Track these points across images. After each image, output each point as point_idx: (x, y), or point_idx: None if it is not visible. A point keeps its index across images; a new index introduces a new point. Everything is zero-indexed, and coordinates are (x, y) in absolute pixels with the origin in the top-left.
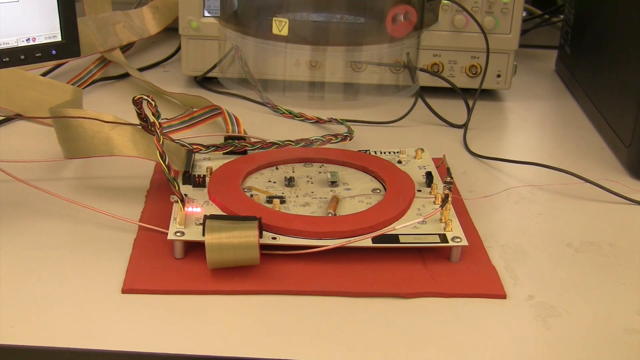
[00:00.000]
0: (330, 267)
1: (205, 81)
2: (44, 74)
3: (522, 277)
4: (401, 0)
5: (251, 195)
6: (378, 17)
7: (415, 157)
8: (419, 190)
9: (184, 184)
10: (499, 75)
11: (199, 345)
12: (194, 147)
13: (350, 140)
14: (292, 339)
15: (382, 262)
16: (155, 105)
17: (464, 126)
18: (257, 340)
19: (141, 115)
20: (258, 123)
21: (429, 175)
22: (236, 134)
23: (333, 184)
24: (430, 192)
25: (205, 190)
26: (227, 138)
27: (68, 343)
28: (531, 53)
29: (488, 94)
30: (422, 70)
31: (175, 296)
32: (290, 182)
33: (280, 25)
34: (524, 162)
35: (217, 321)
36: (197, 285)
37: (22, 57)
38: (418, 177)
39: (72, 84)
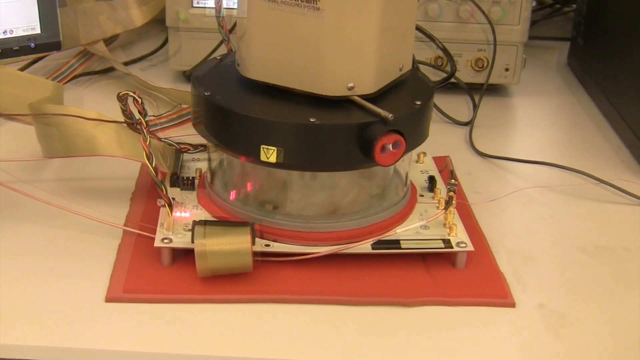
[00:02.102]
0: (328, 273)
1: None
2: (22, 69)
3: (531, 284)
4: (390, 130)
5: None
6: (366, 147)
7: (417, 162)
8: (422, 195)
9: (171, 186)
10: (506, 69)
11: (188, 356)
12: (183, 146)
13: None
14: (286, 349)
15: (382, 268)
16: (141, 101)
17: (470, 124)
18: (249, 350)
19: (126, 113)
20: None
21: (431, 179)
22: None
23: (330, 188)
24: (433, 197)
25: (195, 193)
26: None
27: (48, 355)
28: (541, 45)
29: (495, 90)
30: (424, 64)
31: (163, 305)
32: (285, 185)
33: (268, 153)
34: (533, 161)
35: (207, 331)
36: (186, 293)
37: None
38: (420, 181)
39: (53, 79)
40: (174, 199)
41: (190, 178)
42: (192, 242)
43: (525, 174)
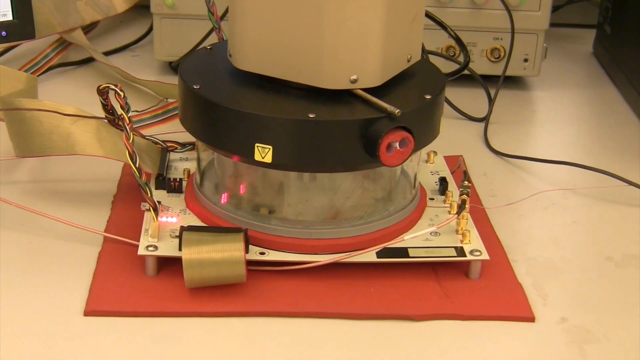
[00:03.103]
0: (328, 284)
1: None
2: None
3: (553, 296)
4: (397, 127)
5: None
6: (371, 145)
7: (427, 161)
8: (432, 199)
9: (157, 188)
10: (526, 60)
11: None
12: (169, 145)
13: None
14: None
15: (388, 279)
16: (124, 95)
17: (485, 120)
18: None
19: (107, 108)
20: None
21: (442, 181)
22: None
23: (330, 190)
24: (444, 201)
25: (182, 196)
26: None
27: None
28: (564, 33)
29: (513, 82)
30: (435, 54)
31: (147, 319)
32: (281, 187)
33: (263, 152)
34: (555, 161)
35: (196, 347)
36: (173, 306)
37: None
38: (430, 183)
39: (26, 71)
40: (159, 202)
41: (178, 179)
42: (180, 250)
43: (546, 175)
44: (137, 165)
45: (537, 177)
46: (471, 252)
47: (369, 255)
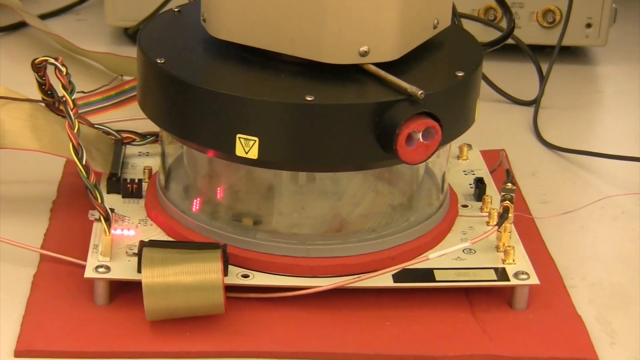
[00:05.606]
0: (331, 316)
1: None
2: None
3: (622, 333)
4: (421, 113)
5: None
6: (386, 136)
7: (459, 157)
8: (465, 206)
9: (109, 192)
10: (589, 25)
11: None
12: (125, 136)
13: None
14: None
15: (409, 309)
16: (66, 72)
17: (535, 103)
18: None
19: (45, 88)
20: None
21: (479, 182)
22: None
23: (334, 195)
24: (481, 209)
25: (142, 202)
26: None
27: None
28: None
29: (572, 54)
30: (469, 18)
31: None
32: (270, 190)
33: (247, 146)
34: (625, 157)
35: None
36: (130, 344)
37: None
38: (464, 185)
39: None
40: (112, 210)
41: (136, 181)
42: (139, 271)
43: (614, 175)
44: (83, 162)
45: (603, 178)
46: (516, 275)
47: (384, 279)
